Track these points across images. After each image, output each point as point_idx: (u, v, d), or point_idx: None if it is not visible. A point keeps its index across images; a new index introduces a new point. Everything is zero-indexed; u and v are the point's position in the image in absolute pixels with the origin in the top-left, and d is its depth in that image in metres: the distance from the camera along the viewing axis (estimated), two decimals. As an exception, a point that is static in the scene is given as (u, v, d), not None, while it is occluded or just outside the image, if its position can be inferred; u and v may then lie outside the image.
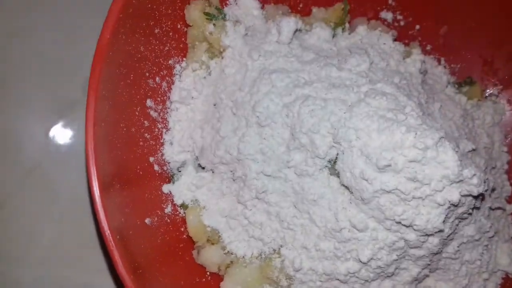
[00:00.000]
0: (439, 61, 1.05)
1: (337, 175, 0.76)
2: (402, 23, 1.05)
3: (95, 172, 0.68)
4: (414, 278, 0.80)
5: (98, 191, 0.67)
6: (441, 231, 0.71)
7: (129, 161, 0.79)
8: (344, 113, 0.75)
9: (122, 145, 0.77)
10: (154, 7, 0.81)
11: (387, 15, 1.04)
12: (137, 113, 0.81)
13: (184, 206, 0.87)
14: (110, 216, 0.68)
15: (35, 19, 1.08)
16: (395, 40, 0.95)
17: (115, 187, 0.73)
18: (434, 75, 1.02)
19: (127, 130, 0.79)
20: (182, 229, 0.87)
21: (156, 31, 0.84)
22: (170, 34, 0.87)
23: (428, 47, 1.06)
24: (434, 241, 0.73)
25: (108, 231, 0.67)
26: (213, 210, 0.86)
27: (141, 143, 0.82)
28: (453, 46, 1.04)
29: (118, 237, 0.68)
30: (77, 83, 1.04)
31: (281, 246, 0.81)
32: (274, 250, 0.82)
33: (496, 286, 0.92)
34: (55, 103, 1.06)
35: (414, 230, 0.71)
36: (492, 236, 0.87)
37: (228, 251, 0.84)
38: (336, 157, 0.75)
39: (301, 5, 1.01)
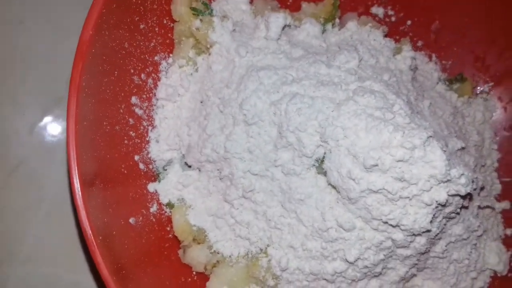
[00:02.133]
0: (430, 57, 1.04)
1: (325, 174, 0.75)
2: (393, 18, 1.04)
3: (76, 172, 0.67)
4: (402, 278, 0.79)
5: (79, 192, 0.66)
6: (428, 231, 0.70)
7: (113, 160, 0.78)
8: (332, 111, 0.73)
9: (106, 144, 0.76)
10: (139, 2, 0.80)
11: (378, 10, 1.03)
12: (121, 110, 0.80)
13: (170, 205, 0.86)
14: (92, 217, 0.67)
15: (21, 13, 1.06)
16: (385, 36, 0.94)
17: (97, 187, 0.72)
18: (425, 72, 1.01)
19: (111, 128, 0.77)
20: (168, 229, 0.85)
21: (141, 26, 0.82)
22: (156, 29, 0.85)
23: (419, 43, 1.04)
24: (422, 241, 0.73)
25: (90, 232, 0.65)
26: (199, 209, 0.85)
27: (125, 141, 0.81)
28: (445, 42, 1.03)
29: (100, 238, 0.67)
30: (62, 78, 1.02)
31: (268, 245, 0.80)
32: (261, 249, 0.81)
33: (485, 285, 0.92)
34: (40, 99, 1.04)
35: (401, 230, 0.70)
36: (481, 235, 0.86)
37: (215, 251, 0.83)
38: (324, 156, 0.74)
39: (290, 0, 0.99)
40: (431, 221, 0.69)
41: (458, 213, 0.76)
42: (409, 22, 1.04)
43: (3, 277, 0.99)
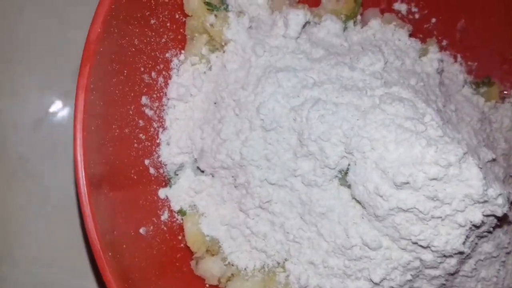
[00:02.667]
0: (455, 58, 0.99)
1: (348, 186, 0.70)
2: (417, 15, 0.98)
3: (84, 182, 0.62)
4: (426, 296, 0.75)
5: (88, 205, 0.61)
6: (461, 253, 0.66)
7: (123, 165, 0.73)
8: (357, 120, 0.68)
9: (115, 149, 0.71)
10: (150, -5, 0.74)
11: (401, 7, 0.98)
12: (131, 112, 0.75)
13: (182, 212, 0.81)
14: (101, 231, 0.63)
15: (24, 3, 0.99)
16: (410, 35, 0.89)
17: (106, 196, 0.67)
18: (450, 74, 0.95)
19: (120, 132, 0.72)
20: (180, 238, 0.81)
21: (152, 21, 0.77)
22: (168, 25, 0.80)
23: (444, 43, 0.99)
24: (452, 261, 0.68)
25: (100, 249, 0.61)
26: (212, 217, 0.80)
27: (135, 145, 0.76)
28: (471, 42, 0.98)
29: (110, 254, 0.63)
30: (67, 72, 0.97)
31: (286, 259, 0.76)
32: (278, 263, 0.77)
33: (509, 301, 0.88)
34: (44, 94, 0.98)
35: (432, 251, 0.65)
36: (510, 252, 0.82)
37: (229, 262, 0.79)
38: (348, 168, 0.69)
39: (310, -6, 0.93)
40: (463, 242, 0.65)
41: (490, 232, 0.71)
42: (433, 20, 0.98)
43: (2, 277, 0.95)
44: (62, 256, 0.96)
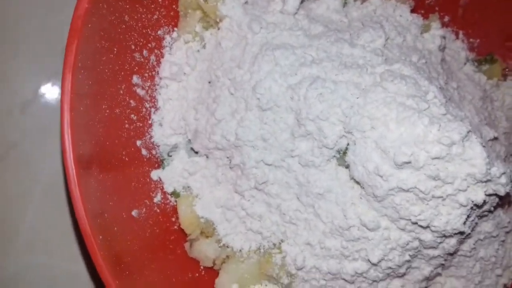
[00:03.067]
0: (457, 35, 0.96)
1: (346, 166, 0.68)
2: (419, -9, 0.95)
3: (73, 165, 0.59)
4: (426, 277, 0.74)
5: (77, 187, 0.59)
6: (461, 233, 0.64)
7: (113, 147, 0.71)
8: (357, 98, 0.66)
9: (105, 130, 0.68)
10: (141, -31, 0.70)
11: (403, -19, 0.94)
12: (121, 91, 0.72)
13: (175, 194, 0.79)
14: (91, 214, 0.60)
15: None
16: (412, 11, 0.85)
17: (96, 179, 0.65)
18: (452, 51, 0.92)
19: (111, 112, 0.70)
20: (173, 219, 0.79)
21: (143, -3, 0.73)
22: (159, 0, 0.77)
23: (446, 19, 0.96)
24: (452, 241, 0.67)
25: (90, 233, 0.59)
26: (207, 199, 0.79)
27: (126, 126, 0.74)
28: (473, 18, 0.95)
29: (101, 237, 0.61)
30: (57, 50, 0.94)
31: (282, 240, 0.74)
32: (274, 244, 0.75)
33: (509, 281, 0.87)
34: (34, 74, 0.95)
35: (432, 231, 0.64)
36: (509, 231, 0.80)
37: (224, 244, 0.77)
38: (346, 148, 0.67)
39: (307, -32, 0.90)
40: (464, 222, 0.63)
41: (491, 211, 0.70)
42: (436, -5, 0.95)
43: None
44: (52, 241, 0.94)
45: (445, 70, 0.81)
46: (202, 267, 0.79)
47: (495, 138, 0.77)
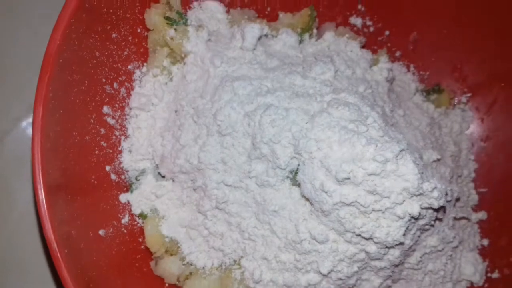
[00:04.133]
0: (408, 68, 1.04)
1: (299, 186, 0.74)
2: (371, 29, 1.03)
3: (41, 183, 0.65)
4: (376, 290, 0.79)
5: (44, 203, 0.64)
6: (401, 243, 0.70)
7: (83, 171, 0.76)
8: (306, 123, 0.73)
9: (75, 154, 0.74)
10: (111, 11, 0.78)
11: (357, 21, 1.03)
12: (92, 120, 0.78)
13: (142, 215, 0.84)
14: (57, 229, 0.65)
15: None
16: (363, 47, 0.94)
17: (65, 199, 0.70)
18: (402, 82, 1.00)
19: (81, 139, 0.76)
20: (140, 240, 0.84)
21: (114, 35, 0.80)
22: (129, 38, 0.84)
23: (398, 54, 1.04)
24: (395, 253, 0.72)
25: (55, 246, 0.64)
26: (172, 220, 0.83)
27: (96, 152, 0.79)
28: (423, 52, 1.03)
29: (66, 251, 0.65)
30: (34, 85, 1.00)
31: (242, 257, 0.79)
32: (235, 261, 0.80)
33: (461, 296, 0.92)
34: (13, 106, 1.01)
35: (375, 242, 0.69)
36: (457, 246, 0.86)
37: (188, 262, 0.82)
38: (298, 168, 0.73)
39: (268, 9, 0.99)
40: (404, 234, 0.68)
41: (432, 225, 0.75)
42: (387, 33, 1.03)
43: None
44: (26, 265, 0.97)
45: (392, 99, 0.88)
46: (167, 285, 0.83)
47: (438, 160, 0.83)
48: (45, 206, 0.64)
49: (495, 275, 0.96)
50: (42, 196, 0.64)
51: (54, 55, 0.67)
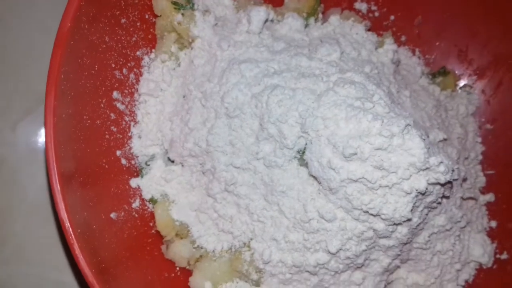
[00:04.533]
0: (413, 52, 1.05)
1: (306, 166, 0.74)
2: (376, 14, 1.04)
3: (54, 164, 0.66)
4: (385, 269, 0.79)
5: (58, 184, 0.65)
6: (409, 220, 0.70)
7: (94, 154, 0.77)
8: (313, 102, 0.73)
9: (86, 138, 0.75)
10: (119, -4, 0.79)
11: (362, 6, 1.04)
12: (102, 105, 0.79)
13: (153, 200, 0.85)
14: (70, 209, 0.66)
15: (1, 10, 1.05)
16: (368, 30, 0.94)
17: (77, 180, 0.71)
18: (408, 66, 1.01)
19: (92, 123, 0.77)
20: (151, 224, 0.85)
21: (123, 21, 0.82)
22: (138, 24, 0.85)
23: (403, 38, 1.05)
24: (403, 230, 0.72)
25: (68, 225, 0.65)
26: (182, 204, 0.84)
27: (107, 136, 0.80)
28: (428, 36, 1.04)
29: (79, 231, 0.66)
30: (45, 77, 1.01)
31: (251, 239, 0.80)
32: (244, 243, 0.80)
33: (470, 277, 0.92)
34: (23, 98, 1.03)
35: (382, 219, 0.70)
36: (464, 227, 0.86)
37: (198, 246, 0.82)
38: (305, 148, 0.74)
39: (274, -5, 1.00)
40: (412, 210, 0.69)
41: (439, 203, 0.76)
42: (392, 17, 1.04)
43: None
44: (43, 252, 0.99)
45: (398, 80, 0.89)
46: (177, 268, 0.84)
47: (445, 140, 0.83)
48: (58, 186, 0.65)
49: (504, 256, 0.96)
50: (55, 176, 0.65)
51: (65, 37, 0.69)
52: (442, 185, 0.71)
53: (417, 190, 0.67)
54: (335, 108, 0.70)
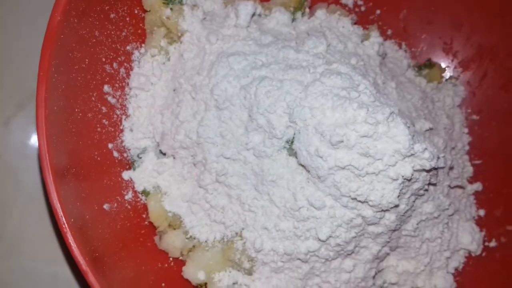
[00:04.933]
0: (400, 46, 1.07)
1: (295, 155, 0.76)
2: (362, 8, 1.06)
3: (47, 155, 0.67)
4: (375, 256, 0.81)
5: (50, 174, 0.66)
6: (396, 206, 0.72)
7: (86, 147, 0.78)
8: (300, 93, 0.75)
9: (78, 130, 0.76)
10: (109, -9, 0.81)
11: (348, 0, 1.05)
12: (93, 98, 0.80)
13: (145, 192, 0.86)
14: (63, 199, 0.67)
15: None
16: (354, 24, 0.96)
17: (69, 172, 0.72)
18: (395, 59, 1.03)
19: (83, 116, 0.78)
20: (144, 216, 0.86)
21: (112, 16, 0.83)
22: (127, 19, 0.86)
23: (389, 32, 1.07)
24: (391, 217, 0.74)
25: (61, 213, 0.66)
26: (174, 195, 0.86)
27: (98, 129, 0.81)
28: (413, 29, 1.06)
29: (72, 220, 0.67)
30: (36, 73, 1.02)
31: (243, 228, 0.81)
32: (236, 233, 0.82)
33: (459, 265, 0.94)
34: (15, 94, 1.04)
35: (370, 206, 0.71)
36: (452, 214, 0.88)
37: (191, 236, 0.83)
38: (293, 138, 0.75)
39: (262, -9, 1.01)
40: (398, 196, 0.71)
41: (426, 190, 0.77)
42: (378, 12, 1.06)
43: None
44: (38, 246, 1.00)
45: (384, 72, 0.90)
46: (171, 259, 0.85)
47: (431, 129, 0.85)
48: (50, 176, 0.66)
49: (493, 244, 0.98)
50: (48, 167, 0.66)
51: (55, 30, 0.70)
52: (428, 171, 0.72)
53: (403, 176, 0.69)
54: (322, 98, 0.72)
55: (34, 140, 1.03)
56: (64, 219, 0.66)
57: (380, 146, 0.68)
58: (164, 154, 0.88)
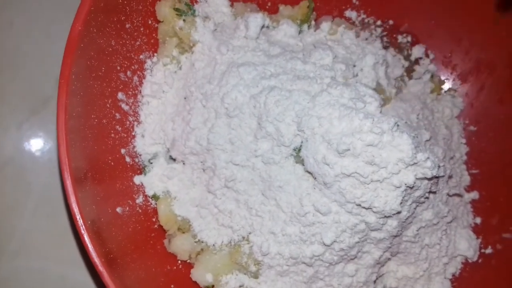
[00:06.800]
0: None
1: (302, 163, 0.79)
2: (366, 21, 1.10)
3: (66, 159, 0.70)
4: (376, 261, 0.84)
5: (69, 178, 0.69)
6: (398, 213, 0.75)
7: (101, 152, 0.81)
8: (308, 102, 0.78)
9: (94, 136, 0.79)
10: (125, 2, 0.84)
11: (352, 14, 1.09)
12: (108, 105, 0.84)
13: (155, 197, 0.89)
14: (81, 202, 0.70)
15: (11, 13, 1.09)
16: (357, 36, 1.00)
17: (86, 175, 0.75)
18: (396, 70, 1.06)
19: (99, 122, 0.81)
20: (154, 220, 0.89)
21: (127, 26, 0.86)
22: (141, 29, 0.90)
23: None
24: (393, 223, 0.77)
25: (79, 215, 0.69)
26: (184, 200, 0.89)
27: (112, 135, 0.84)
28: (414, 42, 1.10)
29: (89, 222, 0.70)
30: (50, 79, 1.06)
31: (250, 232, 0.84)
32: (243, 237, 0.85)
33: (456, 271, 0.97)
34: (28, 99, 1.07)
35: (374, 212, 0.74)
36: (450, 222, 0.91)
37: (199, 240, 0.86)
38: (301, 146, 0.78)
39: (269, 4, 1.05)
40: (401, 203, 0.74)
41: (427, 198, 0.81)
42: (379, 23, 1.10)
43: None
44: (47, 247, 1.02)
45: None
46: (179, 261, 0.88)
47: (431, 138, 0.89)
48: (69, 179, 0.69)
49: (489, 250, 1.01)
50: (67, 170, 0.69)
51: (76, 40, 0.73)
52: (429, 179, 0.76)
53: (406, 184, 0.72)
54: (329, 107, 0.75)
55: (45, 144, 1.06)
56: (81, 221, 0.68)
57: (385, 155, 0.71)
58: (174, 159, 0.91)
